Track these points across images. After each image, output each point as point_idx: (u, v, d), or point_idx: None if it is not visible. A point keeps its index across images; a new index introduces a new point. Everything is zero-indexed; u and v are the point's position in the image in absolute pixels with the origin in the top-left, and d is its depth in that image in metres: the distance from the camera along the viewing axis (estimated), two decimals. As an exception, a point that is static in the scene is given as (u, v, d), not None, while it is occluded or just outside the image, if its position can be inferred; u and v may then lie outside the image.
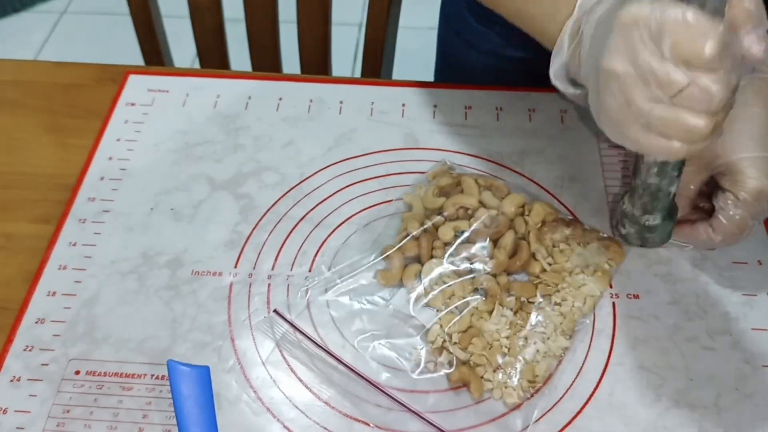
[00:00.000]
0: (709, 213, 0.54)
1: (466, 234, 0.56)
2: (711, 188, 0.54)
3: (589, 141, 0.66)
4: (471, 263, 0.55)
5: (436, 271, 0.54)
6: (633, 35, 0.40)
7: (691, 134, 0.41)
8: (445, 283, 0.54)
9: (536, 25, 0.54)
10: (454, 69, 0.88)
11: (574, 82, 0.52)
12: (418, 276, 0.55)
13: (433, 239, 0.56)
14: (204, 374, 0.51)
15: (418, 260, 0.56)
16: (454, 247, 0.55)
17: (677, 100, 0.40)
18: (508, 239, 0.55)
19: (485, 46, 0.81)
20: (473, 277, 0.54)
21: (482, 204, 0.58)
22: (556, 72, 0.52)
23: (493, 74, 0.82)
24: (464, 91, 0.71)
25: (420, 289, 0.54)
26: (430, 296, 0.53)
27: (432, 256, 0.55)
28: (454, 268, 0.54)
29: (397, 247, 0.56)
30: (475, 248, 0.55)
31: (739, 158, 0.51)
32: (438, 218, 0.57)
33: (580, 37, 0.48)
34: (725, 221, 0.51)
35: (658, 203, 0.50)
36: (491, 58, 0.81)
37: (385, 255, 0.56)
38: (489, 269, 0.54)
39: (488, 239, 0.56)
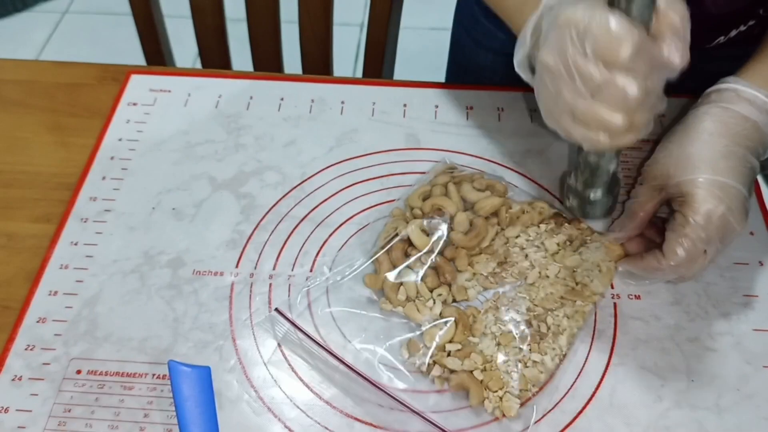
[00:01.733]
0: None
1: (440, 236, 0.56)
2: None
3: (590, 141, 0.66)
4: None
5: (414, 289, 0.54)
6: (564, 34, 0.45)
7: (609, 128, 0.46)
8: (424, 297, 0.54)
9: (508, 14, 0.59)
10: (464, 68, 0.88)
11: (534, 72, 0.53)
12: (398, 291, 0.54)
13: (406, 246, 0.56)
14: (205, 374, 0.51)
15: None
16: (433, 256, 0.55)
17: (597, 96, 0.45)
18: (461, 218, 0.56)
19: (493, 44, 0.81)
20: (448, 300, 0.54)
21: (463, 200, 0.58)
22: (519, 62, 0.54)
23: (500, 73, 0.82)
24: (466, 92, 0.71)
25: (400, 309, 0.54)
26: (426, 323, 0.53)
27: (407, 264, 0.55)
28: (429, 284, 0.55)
29: (384, 250, 0.56)
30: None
31: (691, 179, 0.50)
32: (416, 221, 0.57)
33: (540, 31, 0.51)
34: (675, 245, 0.50)
35: (597, 179, 0.54)
36: (499, 56, 0.81)
37: (373, 258, 0.56)
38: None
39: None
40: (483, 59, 0.83)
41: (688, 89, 0.59)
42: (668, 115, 0.68)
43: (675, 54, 0.44)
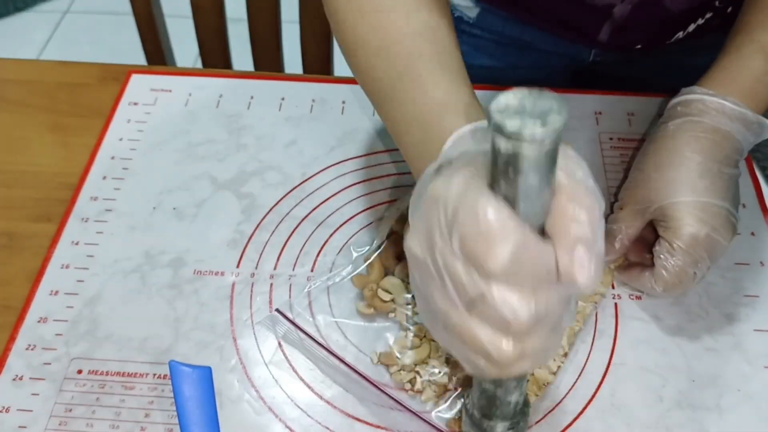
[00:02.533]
0: None
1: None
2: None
3: (590, 142, 0.66)
4: None
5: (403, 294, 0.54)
6: (432, 216, 0.32)
7: (490, 356, 0.32)
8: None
9: (409, 153, 0.46)
10: None
11: None
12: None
13: (399, 249, 0.56)
14: (206, 375, 0.51)
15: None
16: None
17: (473, 310, 0.31)
18: None
19: (482, 43, 0.80)
20: None
21: None
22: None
23: (489, 76, 0.82)
24: (467, 92, 0.71)
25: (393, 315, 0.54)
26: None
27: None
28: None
29: (377, 254, 0.56)
30: None
31: (672, 203, 0.50)
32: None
33: None
34: (663, 271, 0.50)
35: (496, 410, 0.41)
36: (486, 57, 0.81)
37: (368, 263, 0.56)
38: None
39: None
40: (471, 58, 0.83)
41: (660, 86, 0.58)
42: (637, 114, 0.68)
43: (579, 269, 0.29)
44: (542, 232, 0.30)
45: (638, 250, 0.55)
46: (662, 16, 0.66)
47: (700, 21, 0.67)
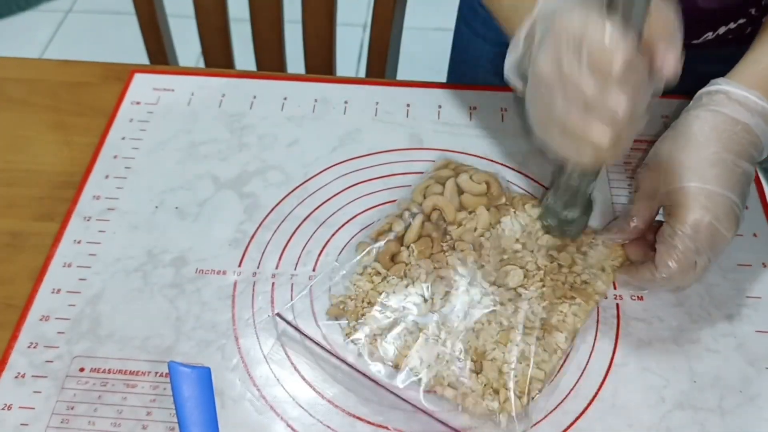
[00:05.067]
0: None
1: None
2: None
3: (593, 142, 0.66)
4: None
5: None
6: (560, 42, 0.44)
7: (596, 143, 0.45)
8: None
9: (503, 15, 0.57)
10: (464, 61, 0.88)
11: (525, 78, 0.52)
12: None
13: (397, 249, 0.56)
14: (205, 375, 0.51)
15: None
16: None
17: (588, 110, 0.44)
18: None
19: (491, 34, 0.81)
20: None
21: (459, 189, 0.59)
22: (510, 65, 0.53)
23: (500, 65, 0.82)
24: (469, 92, 0.71)
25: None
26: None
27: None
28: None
29: (372, 248, 0.56)
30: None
31: (678, 188, 0.50)
32: (417, 217, 0.57)
33: (533, 36, 0.50)
34: (665, 256, 0.50)
35: (576, 200, 0.55)
36: (497, 47, 0.81)
37: (366, 252, 0.56)
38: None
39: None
40: (481, 51, 0.83)
41: (679, 90, 0.59)
42: (663, 114, 0.68)
43: (669, 60, 0.43)
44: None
45: (640, 250, 0.55)
46: (689, 9, 0.66)
47: (732, 25, 0.67)
